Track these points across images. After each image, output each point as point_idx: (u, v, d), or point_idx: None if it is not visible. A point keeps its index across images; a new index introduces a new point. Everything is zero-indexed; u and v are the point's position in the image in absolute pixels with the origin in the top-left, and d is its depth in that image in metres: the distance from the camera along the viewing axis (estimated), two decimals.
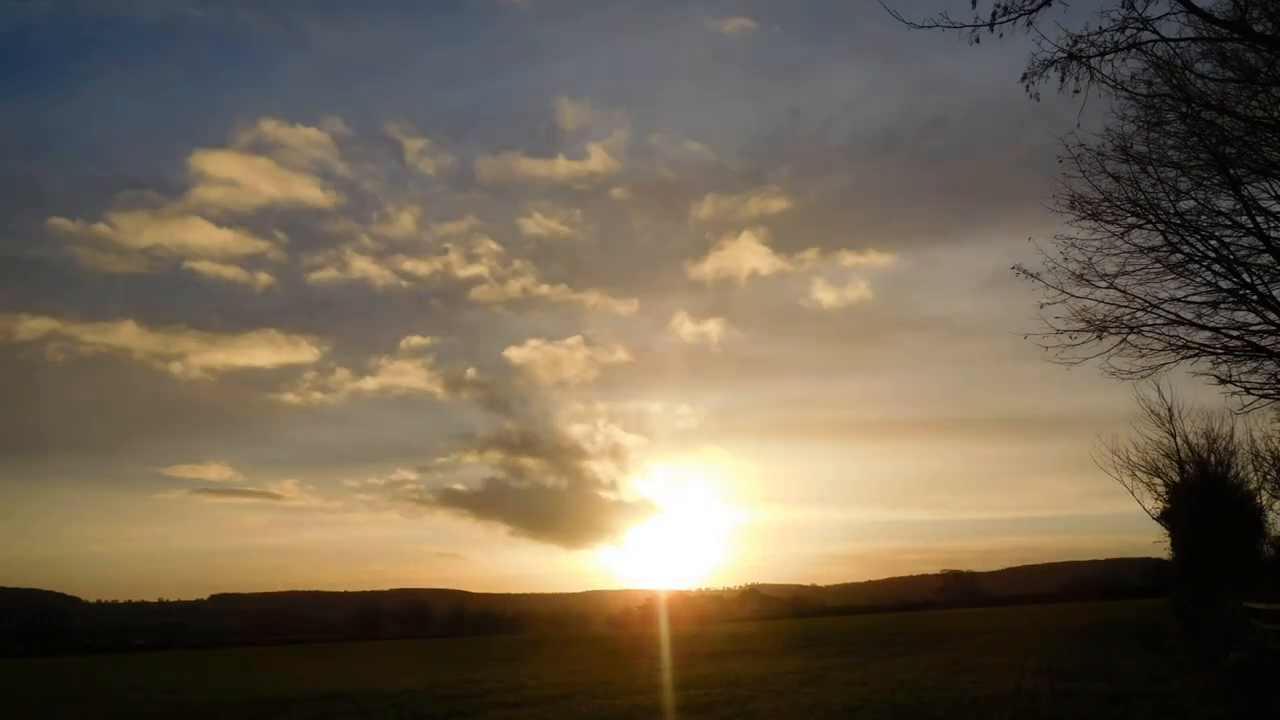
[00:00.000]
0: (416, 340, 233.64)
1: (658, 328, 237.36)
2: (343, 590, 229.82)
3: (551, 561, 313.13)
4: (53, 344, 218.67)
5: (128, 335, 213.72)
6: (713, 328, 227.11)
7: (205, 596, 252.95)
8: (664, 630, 75.95)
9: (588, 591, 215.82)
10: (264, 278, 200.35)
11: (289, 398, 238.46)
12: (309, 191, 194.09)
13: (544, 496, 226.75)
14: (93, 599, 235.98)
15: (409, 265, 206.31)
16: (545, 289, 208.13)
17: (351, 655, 60.48)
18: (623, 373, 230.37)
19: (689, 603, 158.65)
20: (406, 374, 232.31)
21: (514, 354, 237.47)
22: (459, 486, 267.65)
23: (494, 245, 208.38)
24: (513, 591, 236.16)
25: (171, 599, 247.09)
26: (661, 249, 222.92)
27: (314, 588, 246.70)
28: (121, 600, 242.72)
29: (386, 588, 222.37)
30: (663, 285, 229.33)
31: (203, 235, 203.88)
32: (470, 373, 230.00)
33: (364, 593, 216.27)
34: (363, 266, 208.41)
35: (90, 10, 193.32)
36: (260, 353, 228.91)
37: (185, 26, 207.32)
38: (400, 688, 26.57)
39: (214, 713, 22.10)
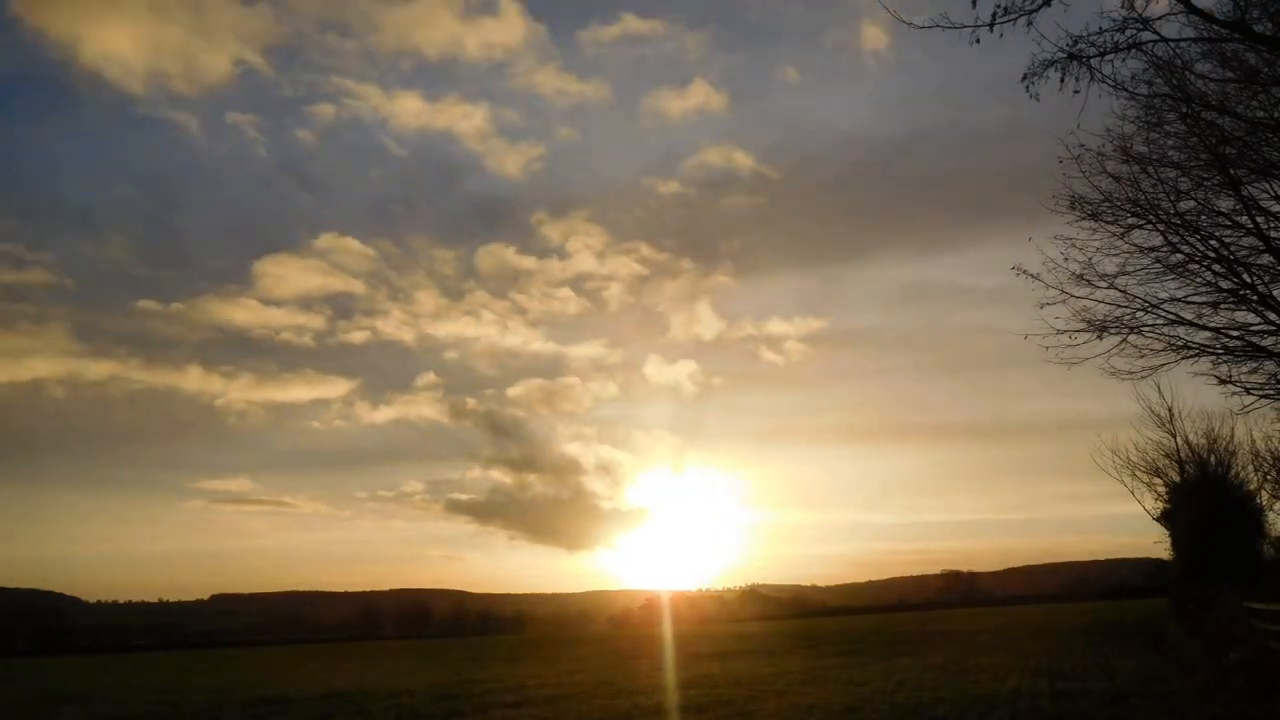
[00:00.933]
0: (430, 378, 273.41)
1: (638, 369, 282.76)
2: (343, 590, 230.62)
3: (551, 564, 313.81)
4: (114, 384, 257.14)
5: (192, 379, 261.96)
6: (684, 366, 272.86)
7: (205, 596, 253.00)
8: (665, 630, 75.96)
9: (588, 592, 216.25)
10: (309, 340, 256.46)
11: (315, 424, 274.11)
12: (355, 285, 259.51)
13: (544, 505, 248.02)
14: (93, 599, 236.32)
15: (430, 329, 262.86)
16: (539, 344, 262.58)
17: (351, 655, 60.46)
18: (611, 405, 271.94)
19: (689, 603, 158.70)
20: (419, 405, 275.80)
21: (513, 391, 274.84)
22: (463, 496, 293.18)
23: (495, 315, 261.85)
24: (513, 591, 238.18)
25: (171, 599, 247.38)
26: (635, 320, 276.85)
27: (314, 588, 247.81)
28: (121, 600, 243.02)
29: (386, 588, 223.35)
30: (640, 344, 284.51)
31: (262, 315, 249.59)
32: (473, 403, 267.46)
33: (364, 593, 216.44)
34: (391, 330, 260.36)
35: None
36: (297, 390, 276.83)
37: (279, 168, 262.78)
38: (400, 688, 26.57)
39: (214, 713, 22.09)
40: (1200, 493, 39.80)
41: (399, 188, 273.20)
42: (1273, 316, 16.28)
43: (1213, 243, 16.53)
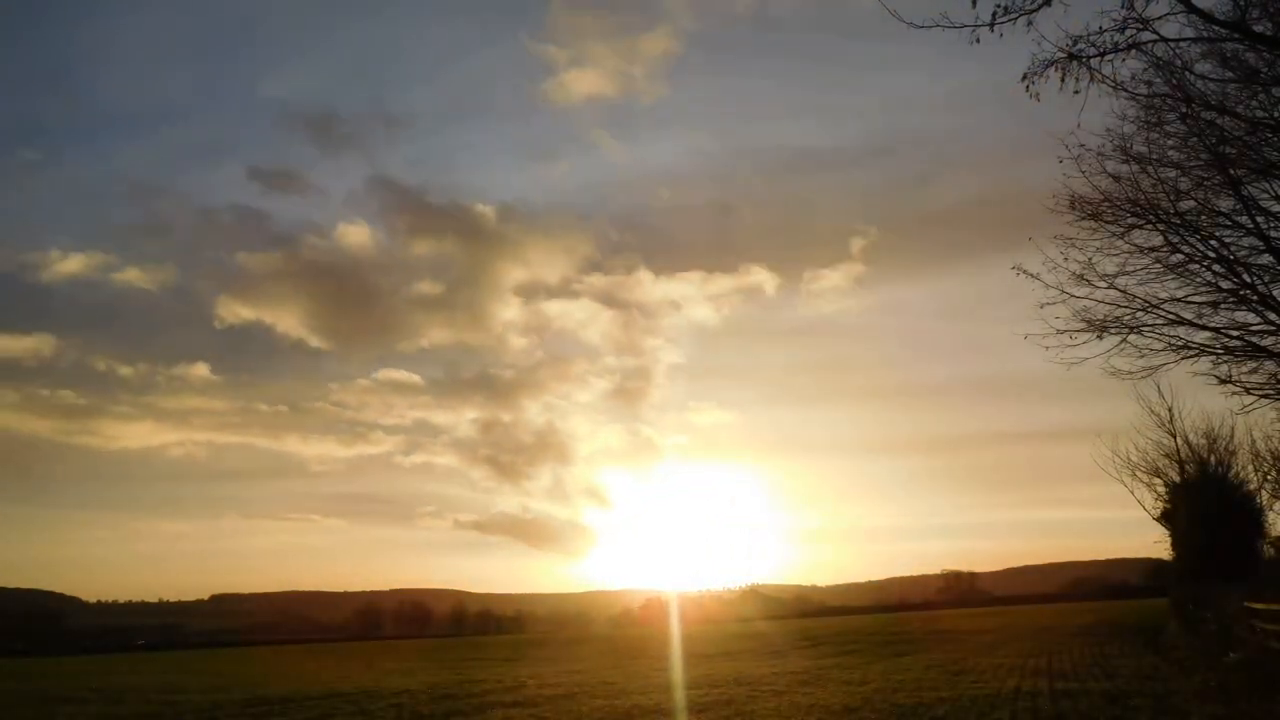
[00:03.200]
0: (447, 438, 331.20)
1: (619, 428, 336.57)
2: (343, 590, 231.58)
3: (551, 565, 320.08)
4: (228, 448, 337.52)
5: (289, 443, 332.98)
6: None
7: (205, 596, 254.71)
8: (671, 630, 75.98)
9: (587, 592, 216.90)
10: (371, 420, 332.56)
11: (362, 470, 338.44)
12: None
13: (544, 520, 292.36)
14: (93, 599, 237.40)
15: (460, 414, 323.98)
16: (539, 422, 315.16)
17: (351, 655, 60.48)
18: (603, 451, 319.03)
19: (690, 603, 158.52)
20: (441, 453, 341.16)
21: (517, 441, 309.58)
22: (468, 516, 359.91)
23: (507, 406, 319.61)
24: (512, 592, 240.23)
25: (171, 599, 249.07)
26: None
27: (314, 588, 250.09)
28: (121, 600, 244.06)
29: (386, 588, 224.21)
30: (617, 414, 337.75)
31: (343, 413, 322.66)
32: (484, 451, 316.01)
33: (364, 593, 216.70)
34: (428, 416, 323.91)
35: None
36: (357, 448, 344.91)
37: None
38: (400, 688, 26.57)
39: (214, 713, 22.09)
40: (1200, 493, 39.76)
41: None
42: (1273, 316, 16.27)
43: (1213, 243, 16.52)
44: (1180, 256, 16.63)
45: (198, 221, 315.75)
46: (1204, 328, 16.84)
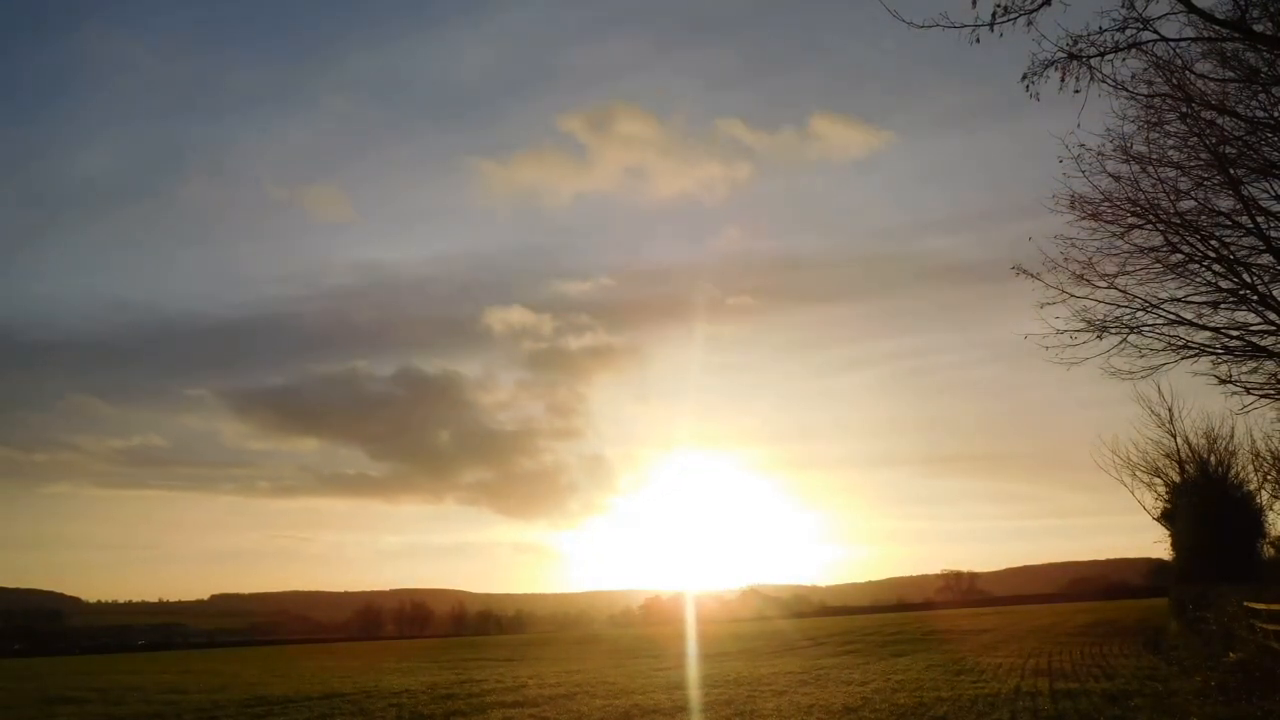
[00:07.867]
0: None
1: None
2: (343, 590, 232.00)
3: (552, 565, 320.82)
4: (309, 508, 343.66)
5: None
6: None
7: (205, 596, 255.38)
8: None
9: (587, 592, 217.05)
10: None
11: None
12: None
13: (546, 532, 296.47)
14: (93, 599, 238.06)
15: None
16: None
17: (351, 655, 60.43)
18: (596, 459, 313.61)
19: (690, 603, 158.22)
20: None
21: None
22: (478, 537, 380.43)
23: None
24: (513, 591, 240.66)
25: (171, 599, 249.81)
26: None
27: (314, 588, 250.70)
28: (121, 600, 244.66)
29: (386, 588, 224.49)
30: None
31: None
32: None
33: (364, 593, 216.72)
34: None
35: None
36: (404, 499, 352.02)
37: None
38: (400, 688, 26.55)
39: (214, 713, 22.06)
40: (1200, 493, 39.74)
41: None
42: (1273, 316, 16.29)
43: (1213, 243, 16.53)
44: (1180, 256, 16.67)
45: None
46: (1204, 328, 16.89)
